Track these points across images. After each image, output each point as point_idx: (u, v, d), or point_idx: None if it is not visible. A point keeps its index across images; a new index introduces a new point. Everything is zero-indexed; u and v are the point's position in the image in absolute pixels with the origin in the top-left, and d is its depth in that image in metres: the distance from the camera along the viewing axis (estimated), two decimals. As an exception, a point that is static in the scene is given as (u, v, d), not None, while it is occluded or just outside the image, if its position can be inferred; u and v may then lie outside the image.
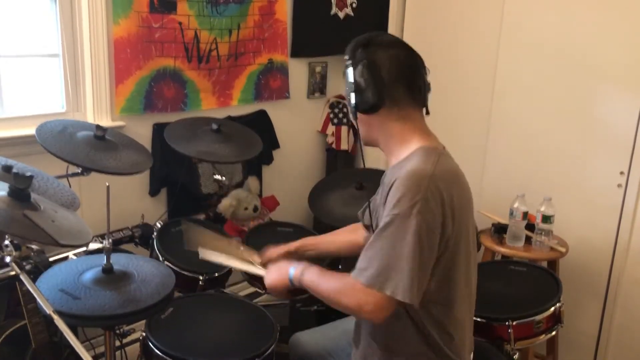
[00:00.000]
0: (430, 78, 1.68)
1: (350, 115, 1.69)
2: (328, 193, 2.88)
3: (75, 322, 1.68)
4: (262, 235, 2.70)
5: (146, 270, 1.90)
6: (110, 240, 1.83)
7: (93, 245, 2.21)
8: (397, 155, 1.65)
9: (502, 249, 2.76)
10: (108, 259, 1.80)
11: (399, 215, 1.47)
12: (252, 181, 3.22)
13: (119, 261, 1.87)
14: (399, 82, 1.60)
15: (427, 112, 1.69)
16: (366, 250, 1.55)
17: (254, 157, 2.75)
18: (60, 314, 1.52)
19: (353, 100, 1.61)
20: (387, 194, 1.54)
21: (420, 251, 1.46)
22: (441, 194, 1.49)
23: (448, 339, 1.62)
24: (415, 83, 1.63)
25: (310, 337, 2.03)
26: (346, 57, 1.63)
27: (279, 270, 1.77)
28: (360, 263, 1.55)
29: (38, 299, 1.49)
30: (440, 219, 1.50)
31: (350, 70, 1.60)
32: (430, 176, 1.49)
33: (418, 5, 3.51)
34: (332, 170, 3.78)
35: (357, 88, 1.60)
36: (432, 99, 1.69)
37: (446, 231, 1.52)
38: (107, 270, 1.80)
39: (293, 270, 1.71)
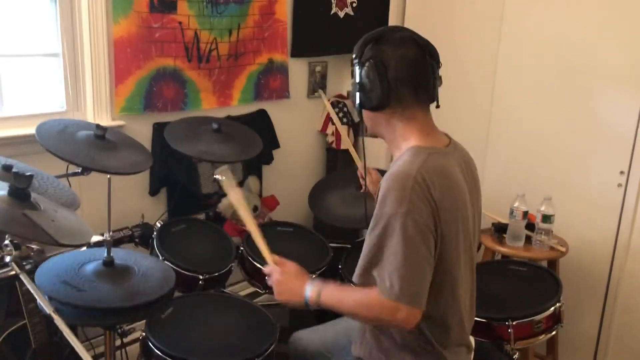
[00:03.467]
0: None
1: (355, 110, 1.70)
2: (328, 193, 2.88)
3: (78, 316, 1.67)
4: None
5: (146, 265, 1.90)
6: (111, 233, 1.83)
7: (94, 238, 2.19)
8: (397, 152, 1.67)
9: (502, 249, 2.76)
10: (109, 251, 1.80)
11: (386, 215, 1.50)
12: (252, 181, 3.22)
13: (118, 256, 1.87)
14: (406, 82, 1.60)
15: (437, 106, 1.69)
16: (369, 255, 1.55)
17: (254, 156, 2.76)
18: (62, 304, 1.52)
19: (358, 99, 1.63)
20: (377, 193, 1.57)
21: (414, 253, 1.48)
22: (425, 192, 1.50)
23: (437, 334, 1.64)
24: (423, 82, 1.63)
25: (310, 336, 2.03)
26: (354, 53, 1.62)
27: (293, 289, 1.70)
28: (369, 270, 1.55)
29: (38, 299, 1.49)
30: (431, 217, 1.51)
31: (357, 68, 1.61)
32: (414, 176, 1.50)
33: (418, 5, 3.51)
34: (332, 169, 3.78)
35: (362, 87, 1.61)
36: (433, 99, 1.70)
37: (437, 228, 1.53)
38: (108, 263, 1.80)
39: (309, 291, 1.65)
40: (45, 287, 1.63)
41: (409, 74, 1.60)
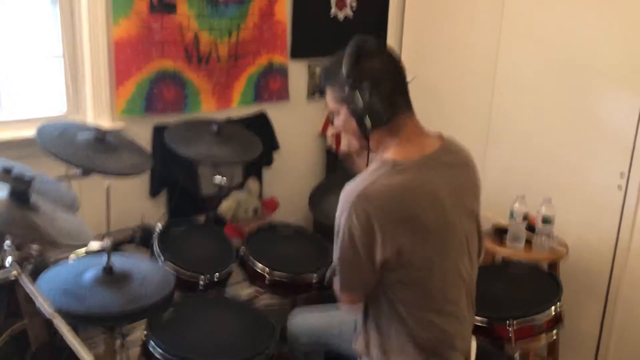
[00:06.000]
0: (429, 78, 1.69)
1: (357, 137, 1.70)
2: (328, 195, 2.88)
3: (79, 322, 1.67)
4: (262, 237, 2.71)
5: (146, 269, 1.90)
6: (110, 240, 1.83)
7: (93, 246, 2.20)
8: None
9: (503, 250, 2.76)
10: (108, 258, 1.80)
11: (336, 224, 1.62)
12: (252, 183, 3.22)
13: (118, 261, 1.87)
14: (398, 91, 1.64)
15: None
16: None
17: (253, 158, 2.76)
18: (63, 314, 1.52)
19: (368, 121, 1.60)
20: None
21: (347, 258, 1.62)
22: (365, 211, 1.55)
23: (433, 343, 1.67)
24: (405, 86, 1.66)
25: (310, 316, 2.09)
26: (346, 76, 1.60)
27: None
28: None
29: (38, 300, 1.49)
30: (367, 234, 1.56)
31: (353, 92, 1.59)
32: (357, 195, 1.56)
33: (418, 5, 3.52)
34: (332, 171, 3.77)
35: (369, 108, 1.59)
36: (433, 99, 1.70)
37: (379, 244, 1.56)
38: (108, 270, 1.80)
39: None
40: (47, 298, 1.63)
41: (398, 81, 1.64)
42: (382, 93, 1.58)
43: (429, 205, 1.60)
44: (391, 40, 3.60)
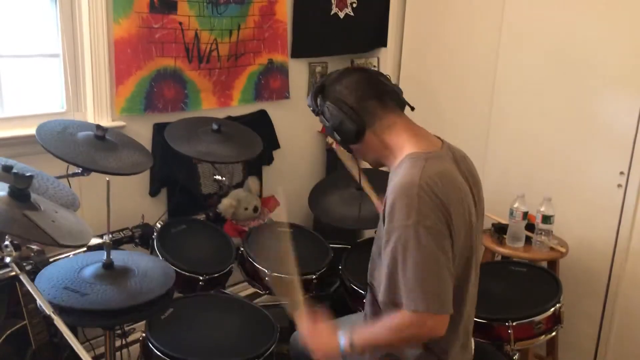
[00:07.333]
0: (429, 78, 1.69)
1: (345, 149, 1.77)
2: (328, 193, 2.88)
3: (79, 318, 1.67)
4: (262, 235, 2.71)
5: (145, 265, 1.90)
6: (110, 235, 1.83)
7: (93, 241, 2.19)
8: (393, 163, 1.69)
9: (502, 249, 2.76)
10: (108, 254, 1.80)
11: (397, 229, 1.51)
12: (252, 181, 3.22)
13: (117, 257, 1.87)
14: (367, 97, 1.67)
15: (412, 108, 1.74)
16: (388, 271, 1.55)
17: (254, 157, 2.76)
18: (64, 309, 1.52)
19: (340, 138, 1.70)
20: (384, 207, 1.58)
21: (432, 261, 1.49)
22: (433, 198, 1.50)
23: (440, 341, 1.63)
24: (382, 92, 1.69)
25: None
26: (311, 108, 1.75)
27: (327, 344, 1.66)
28: (392, 286, 1.55)
29: (38, 299, 1.49)
30: (443, 221, 1.51)
31: (322, 117, 1.72)
32: (419, 184, 1.51)
33: (418, 5, 3.51)
34: (332, 170, 3.77)
35: (337, 125, 1.68)
36: (433, 99, 1.70)
37: (451, 231, 1.53)
38: (108, 265, 1.80)
39: (342, 342, 1.61)
40: (47, 294, 1.63)
41: (365, 90, 1.68)
42: (345, 106, 1.65)
43: (464, 194, 1.61)
44: (391, 40, 3.60)
